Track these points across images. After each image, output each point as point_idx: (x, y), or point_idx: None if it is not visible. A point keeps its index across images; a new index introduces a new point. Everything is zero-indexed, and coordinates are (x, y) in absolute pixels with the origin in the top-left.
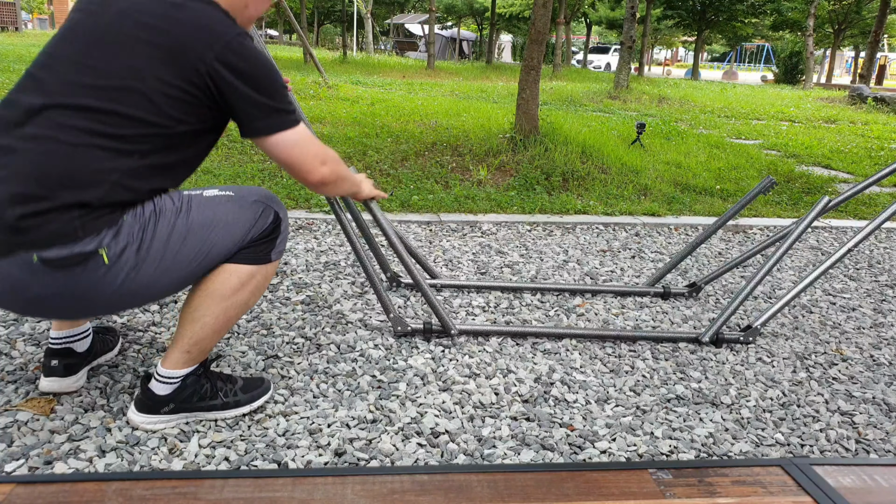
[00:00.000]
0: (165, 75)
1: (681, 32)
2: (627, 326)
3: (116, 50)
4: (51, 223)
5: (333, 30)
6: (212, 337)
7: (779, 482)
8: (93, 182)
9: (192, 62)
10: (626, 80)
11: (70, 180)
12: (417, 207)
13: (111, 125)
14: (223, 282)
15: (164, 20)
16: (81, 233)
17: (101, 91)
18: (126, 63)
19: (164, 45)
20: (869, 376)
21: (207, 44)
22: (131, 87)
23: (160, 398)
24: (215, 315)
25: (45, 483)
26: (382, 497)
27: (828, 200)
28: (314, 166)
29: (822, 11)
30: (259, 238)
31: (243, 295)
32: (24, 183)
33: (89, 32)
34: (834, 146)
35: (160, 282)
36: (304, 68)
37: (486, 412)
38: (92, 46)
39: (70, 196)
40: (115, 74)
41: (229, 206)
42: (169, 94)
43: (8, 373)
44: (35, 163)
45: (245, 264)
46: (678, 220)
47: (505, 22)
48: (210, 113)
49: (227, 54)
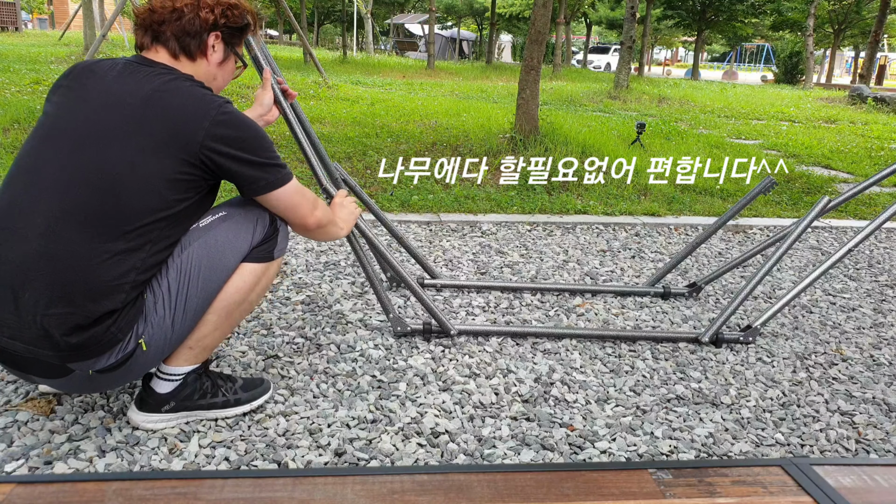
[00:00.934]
0: (160, 164)
1: (681, 32)
2: (627, 326)
3: (106, 147)
4: (91, 339)
5: (333, 30)
6: (215, 335)
7: (779, 482)
8: (114, 290)
9: (185, 146)
10: (626, 80)
11: (92, 293)
12: (417, 207)
13: (115, 226)
14: (230, 281)
15: (150, 109)
16: (121, 335)
17: (98, 191)
18: (119, 158)
19: (155, 134)
20: (869, 376)
21: (197, 124)
22: (127, 182)
23: (161, 396)
24: (219, 314)
25: (45, 483)
26: (382, 497)
27: (828, 200)
28: (310, 211)
29: (822, 11)
30: (261, 242)
31: (248, 295)
32: (54, 302)
33: (74, 130)
34: (834, 146)
35: (196, 319)
36: (304, 68)
37: (486, 412)
38: (80, 147)
39: (97, 308)
40: (109, 172)
41: (226, 226)
42: (168, 180)
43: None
44: (55, 282)
45: (249, 264)
46: (678, 220)
47: (505, 22)
48: (207, 183)
49: (217, 128)
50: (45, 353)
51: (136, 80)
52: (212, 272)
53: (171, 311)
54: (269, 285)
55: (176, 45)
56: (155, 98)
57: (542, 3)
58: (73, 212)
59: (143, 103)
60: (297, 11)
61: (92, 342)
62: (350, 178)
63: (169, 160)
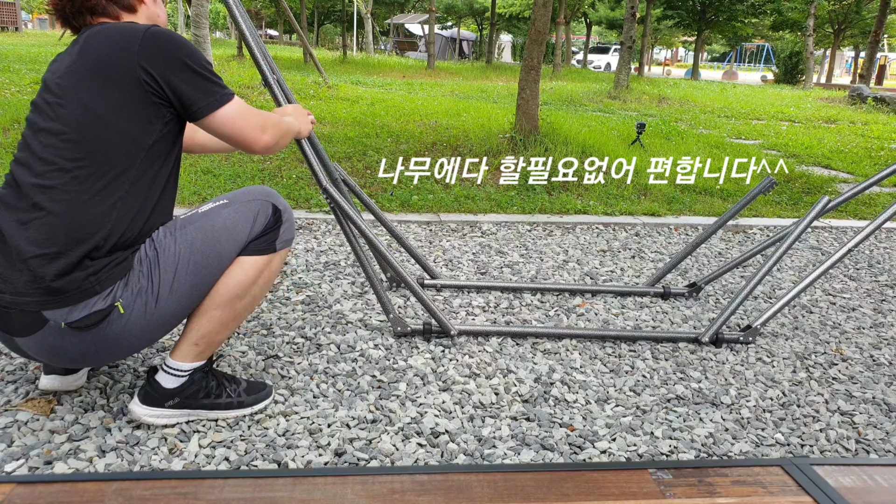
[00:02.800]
0: (109, 97)
1: (681, 32)
2: (627, 326)
3: (67, 99)
4: (69, 284)
5: (333, 30)
6: (220, 330)
7: (779, 482)
8: (97, 228)
9: (124, 71)
10: (626, 80)
11: (78, 233)
12: (417, 207)
13: (91, 167)
14: (232, 275)
15: (85, 52)
16: (98, 287)
17: (70, 141)
18: (75, 106)
19: (96, 73)
20: (869, 376)
21: (128, 47)
22: (90, 125)
23: (166, 391)
24: (224, 308)
25: (45, 483)
26: (382, 497)
27: (827, 200)
28: (256, 136)
29: (822, 11)
30: (263, 232)
31: (251, 288)
32: (42, 247)
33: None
34: (834, 146)
35: (183, 305)
36: (304, 68)
37: (486, 412)
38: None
39: (82, 249)
40: (78, 120)
41: (226, 213)
42: (123, 112)
43: (8, 373)
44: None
45: (252, 256)
46: (678, 220)
47: (505, 22)
48: (166, 109)
49: (148, 43)
50: (27, 299)
51: (74, 42)
52: (205, 257)
53: (156, 284)
54: (273, 278)
55: (114, 6)
56: (87, 43)
57: (542, 3)
58: (54, 161)
59: (79, 51)
60: (297, 11)
61: (71, 286)
62: (349, 178)
63: (116, 91)
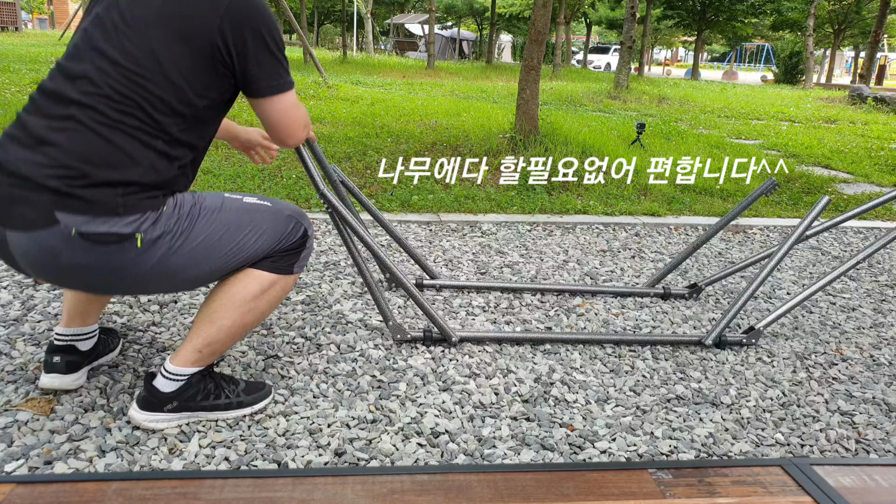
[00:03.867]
0: (178, 53)
1: (681, 32)
2: (627, 326)
3: (137, 37)
4: (95, 194)
5: (333, 30)
6: (225, 340)
7: (779, 482)
8: (131, 163)
9: (200, 33)
10: (626, 80)
11: (110, 162)
12: (417, 207)
13: (137, 110)
14: (245, 286)
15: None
16: (122, 210)
17: (127, 79)
18: (146, 48)
19: (172, 23)
20: (869, 376)
21: (212, 10)
22: (151, 70)
23: (164, 395)
24: (232, 318)
25: (45, 483)
26: (382, 497)
27: (828, 200)
28: (298, 131)
29: (822, 11)
30: (286, 249)
31: (261, 303)
32: (67, 162)
33: (112, 22)
34: (834, 146)
35: (188, 272)
36: (304, 68)
37: (486, 412)
38: (116, 36)
39: (112, 174)
40: (138, 61)
41: (265, 216)
42: (185, 71)
43: (8, 373)
44: (76, 147)
45: (268, 272)
46: (678, 220)
47: (505, 22)
48: (228, 80)
49: (232, 15)
50: (43, 196)
51: None
52: (230, 242)
53: (180, 238)
54: (282, 298)
55: None
56: None
57: (542, 3)
58: (105, 96)
59: None
60: (297, 11)
61: (98, 197)
62: (348, 179)
63: (187, 50)
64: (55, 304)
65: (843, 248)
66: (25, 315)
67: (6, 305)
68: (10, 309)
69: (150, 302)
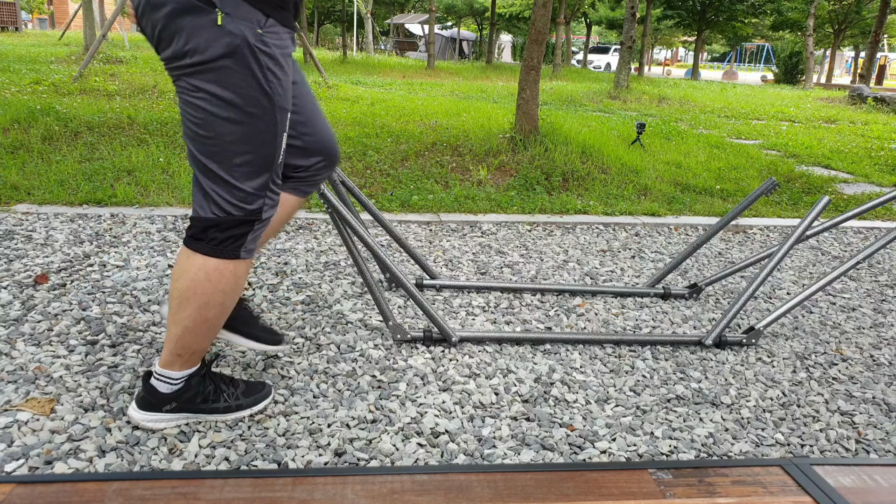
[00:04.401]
0: None
1: (681, 32)
2: (627, 326)
3: None
4: None
5: (333, 30)
6: (197, 339)
7: (779, 482)
8: None
9: None
10: (626, 80)
11: None
12: (417, 207)
13: None
14: (191, 279)
15: None
16: None
17: None
18: None
19: None
20: (869, 376)
21: None
22: None
23: (163, 396)
24: (192, 317)
25: (45, 483)
26: (382, 497)
27: (828, 200)
28: None
29: (822, 11)
30: (236, 220)
31: (216, 295)
32: None
33: None
34: (834, 146)
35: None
36: (303, 68)
37: (486, 412)
38: None
39: None
40: None
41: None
42: None
43: (8, 373)
44: None
45: (211, 257)
46: (678, 220)
47: (505, 22)
48: None
49: None
50: None
51: None
52: (228, 114)
53: (228, 57)
54: (240, 286)
55: None
56: None
57: (542, 3)
58: None
59: None
60: None
61: None
62: (348, 179)
63: None
64: (55, 304)
65: (843, 248)
66: (25, 315)
67: (6, 305)
68: (10, 309)
69: (150, 302)
